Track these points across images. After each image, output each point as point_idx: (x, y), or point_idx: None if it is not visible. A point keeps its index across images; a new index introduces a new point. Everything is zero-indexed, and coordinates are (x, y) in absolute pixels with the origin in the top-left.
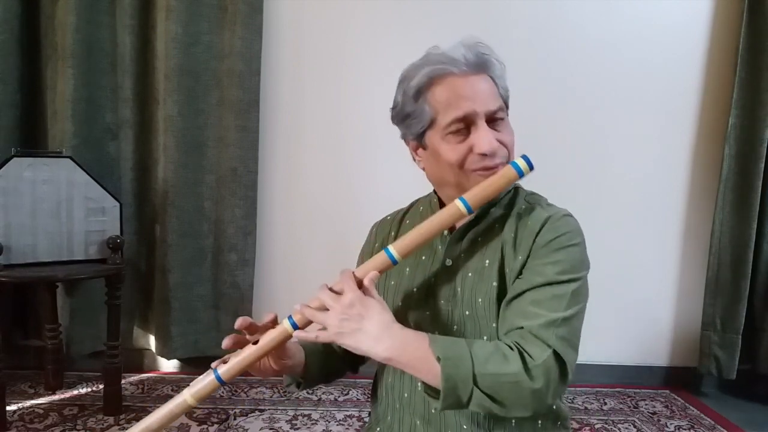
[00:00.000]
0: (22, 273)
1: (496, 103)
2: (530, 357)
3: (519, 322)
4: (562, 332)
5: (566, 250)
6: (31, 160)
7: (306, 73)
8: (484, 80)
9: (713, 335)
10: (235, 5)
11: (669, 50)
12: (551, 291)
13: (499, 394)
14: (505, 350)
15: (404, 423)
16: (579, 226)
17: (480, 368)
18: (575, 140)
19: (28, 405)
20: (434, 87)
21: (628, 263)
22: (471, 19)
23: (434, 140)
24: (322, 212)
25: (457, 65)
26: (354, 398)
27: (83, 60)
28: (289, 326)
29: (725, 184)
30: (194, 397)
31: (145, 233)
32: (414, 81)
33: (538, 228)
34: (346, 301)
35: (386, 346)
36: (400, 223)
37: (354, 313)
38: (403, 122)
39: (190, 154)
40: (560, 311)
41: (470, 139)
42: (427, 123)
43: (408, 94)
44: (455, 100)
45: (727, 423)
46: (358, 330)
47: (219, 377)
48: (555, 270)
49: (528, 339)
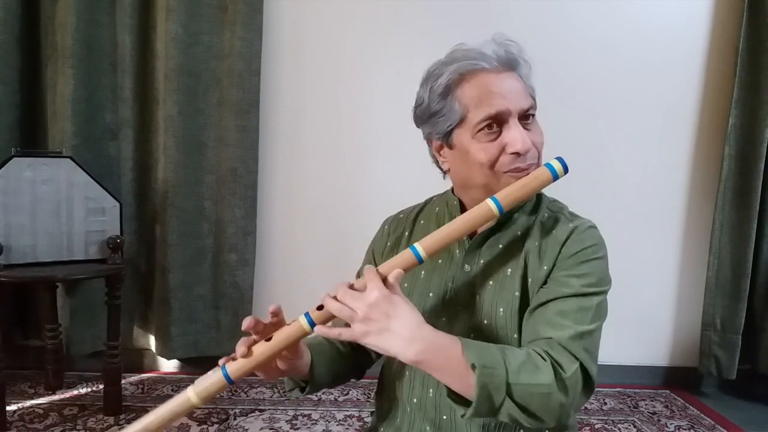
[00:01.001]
0: (22, 273)
1: (528, 101)
2: (562, 369)
3: (546, 332)
4: (586, 345)
5: (592, 263)
6: (31, 160)
7: (306, 73)
8: (515, 78)
9: (713, 335)
10: (235, 5)
11: (669, 50)
12: (578, 303)
13: (530, 405)
14: (537, 360)
15: (414, 427)
16: (603, 238)
17: (513, 378)
18: (575, 140)
19: (28, 405)
20: (464, 83)
21: (628, 263)
22: (471, 19)
23: (463, 139)
24: (322, 212)
25: (488, 61)
26: (354, 398)
27: (83, 60)
28: (306, 323)
29: (725, 184)
30: (200, 396)
31: (145, 233)
32: (442, 78)
33: (564, 238)
34: (372, 299)
35: (418, 350)
36: (414, 223)
37: (381, 312)
38: (428, 121)
39: (190, 154)
40: (586, 324)
41: (502, 138)
42: (456, 121)
43: (435, 91)
44: (487, 96)
45: (727, 423)
46: (386, 330)
47: (227, 376)
48: (582, 282)
49: (557, 350)
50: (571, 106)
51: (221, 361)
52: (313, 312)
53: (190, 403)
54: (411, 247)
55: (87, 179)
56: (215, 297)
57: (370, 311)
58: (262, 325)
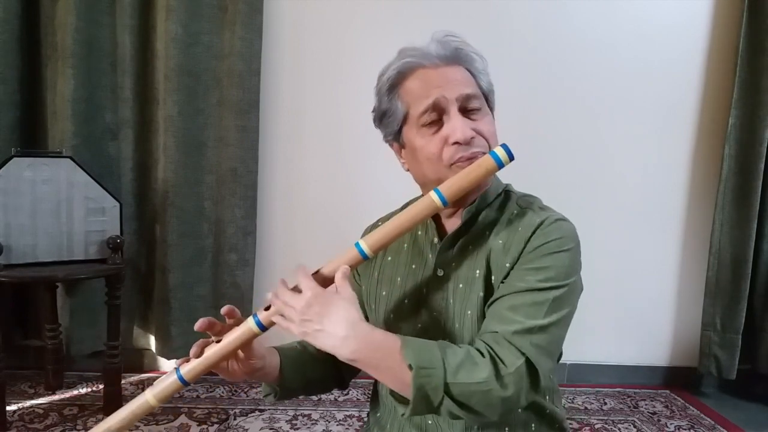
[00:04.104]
0: (22, 273)
1: (469, 89)
2: (503, 364)
3: (494, 326)
4: (537, 340)
5: (554, 256)
6: (31, 160)
7: (306, 73)
8: (458, 70)
9: (713, 335)
10: (235, 5)
11: (669, 50)
12: (531, 297)
13: (470, 401)
14: (476, 357)
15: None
16: (573, 230)
17: (451, 377)
18: (574, 140)
19: (28, 405)
20: (405, 81)
21: (628, 263)
22: (471, 19)
23: (410, 136)
24: (322, 212)
25: (428, 58)
26: (354, 398)
27: (83, 60)
28: (254, 325)
29: (725, 184)
30: (156, 397)
31: (145, 233)
32: (386, 77)
33: (529, 233)
34: (303, 301)
35: (352, 348)
36: None
37: (314, 312)
38: (381, 122)
39: (190, 154)
40: (538, 319)
41: (443, 130)
42: (401, 119)
43: (382, 91)
44: (425, 89)
45: (727, 423)
46: (321, 331)
47: (181, 377)
48: (538, 277)
49: (502, 344)
50: (571, 106)
51: (176, 362)
52: (261, 312)
53: (149, 404)
54: (355, 244)
55: (87, 179)
56: (215, 297)
57: (305, 311)
58: (220, 326)
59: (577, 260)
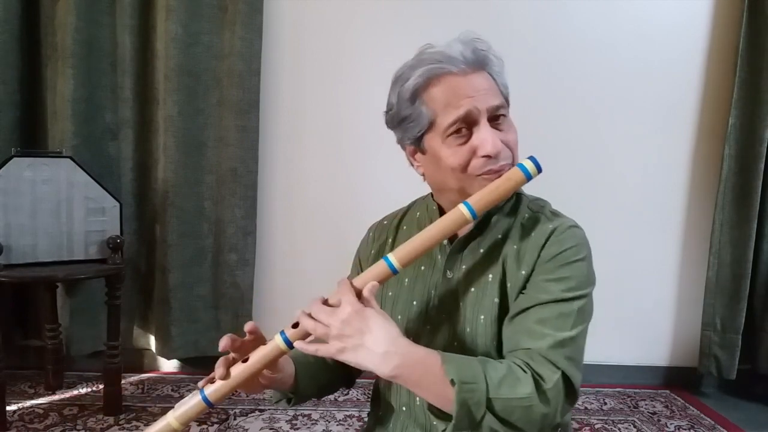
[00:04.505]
0: (22, 273)
1: (498, 99)
2: (543, 380)
3: (526, 342)
4: (568, 352)
5: (572, 266)
6: (31, 160)
7: (306, 73)
8: (484, 77)
9: (713, 335)
10: (235, 5)
11: (669, 50)
12: (557, 309)
13: (511, 417)
14: (518, 372)
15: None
16: (585, 237)
17: (494, 392)
18: (575, 140)
19: (28, 405)
20: (431, 87)
21: (628, 263)
22: (470, 19)
23: (434, 144)
24: (322, 212)
25: (454, 63)
26: (354, 398)
27: (83, 60)
28: (282, 343)
29: (725, 184)
30: (179, 420)
31: (145, 233)
32: (409, 82)
33: (543, 241)
34: (344, 314)
35: (394, 364)
36: (397, 229)
37: (354, 328)
38: (398, 126)
39: (190, 154)
40: (567, 330)
41: (473, 141)
42: (426, 126)
43: (403, 96)
44: (455, 99)
45: (727, 423)
46: (360, 346)
47: (206, 399)
48: (561, 287)
49: (537, 360)
50: (571, 106)
51: (200, 383)
52: (289, 330)
53: (171, 428)
54: (384, 258)
55: (87, 179)
56: (215, 297)
57: (344, 327)
58: (240, 342)
59: (592, 269)
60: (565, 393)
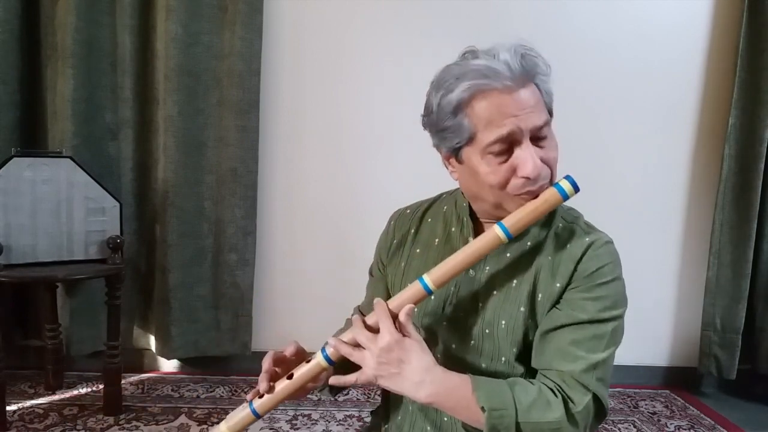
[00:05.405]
0: (22, 273)
1: (542, 117)
2: (573, 403)
3: (559, 365)
4: (599, 374)
5: (609, 285)
6: (31, 160)
7: (306, 73)
8: (530, 92)
9: (713, 335)
10: (235, 5)
11: (669, 50)
12: (592, 330)
13: None
14: (549, 396)
15: (415, 426)
16: (618, 255)
17: (523, 417)
18: (575, 140)
19: (28, 405)
20: (474, 102)
21: (628, 263)
22: (470, 19)
23: (472, 157)
24: (322, 212)
25: (500, 79)
26: (354, 398)
27: (83, 60)
28: (323, 361)
29: (725, 183)
30: (231, 429)
31: (145, 233)
32: (453, 95)
33: (579, 254)
34: (384, 344)
35: (429, 392)
36: (421, 220)
37: (393, 357)
38: (437, 134)
39: (190, 154)
40: (599, 352)
41: (513, 161)
42: (466, 139)
43: (444, 107)
44: (498, 117)
45: (727, 423)
46: (398, 375)
47: (255, 411)
48: (598, 307)
49: (570, 384)
50: (571, 106)
51: (249, 396)
52: (329, 348)
53: None
54: (419, 279)
55: (87, 179)
56: (215, 297)
57: (382, 356)
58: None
59: (625, 288)
60: (595, 413)
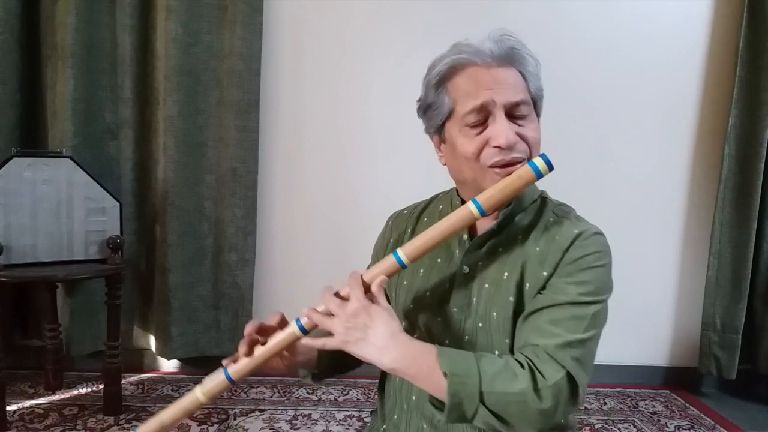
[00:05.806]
0: (22, 273)
1: (519, 95)
2: (542, 376)
3: (535, 339)
4: (577, 354)
5: (593, 271)
6: (31, 160)
7: (306, 73)
8: (511, 73)
9: (713, 335)
10: (235, 5)
11: (669, 50)
12: (572, 311)
13: (506, 412)
14: (515, 368)
15: (411, 425)
16: (608, 245)
17: (487, 386)
18: (575, 140)
19: (28, 405)
20: (455, 76)
21: (628, 263)
22: (470, 19)
23: (452, 132)
24: (322, 212)
25: (481, 56)
26: (354, 398)
27: (83, 60)
28: (297, 329)
29: (725, 184)
30: (205, 395)
31: (145, 233)
32: (436, 69)
33: (567, 244)
34: (351, 309)
35: (392, 357)
36: (417, 220)
37: (359, 323)
38: (425, 114)
39: (190, 154)
40: (578, 333)
41: (487, 132)
42: (446, 114)
43: (430, 83)
44: (474, 89)
45: (727, 423)
46: (363, 339)
47: (229, 376)
48: (579, 290)
49: (542, 358)
50: (572, 106)
51: (224, 361)
52: (303, 318)
53: (198, 401)
54: (393, 253)
55: (87, 179)
56: (215, 297)
57: (349, 320)
58: (265, 327)
59: (611, 277)
60: (569, 393)
